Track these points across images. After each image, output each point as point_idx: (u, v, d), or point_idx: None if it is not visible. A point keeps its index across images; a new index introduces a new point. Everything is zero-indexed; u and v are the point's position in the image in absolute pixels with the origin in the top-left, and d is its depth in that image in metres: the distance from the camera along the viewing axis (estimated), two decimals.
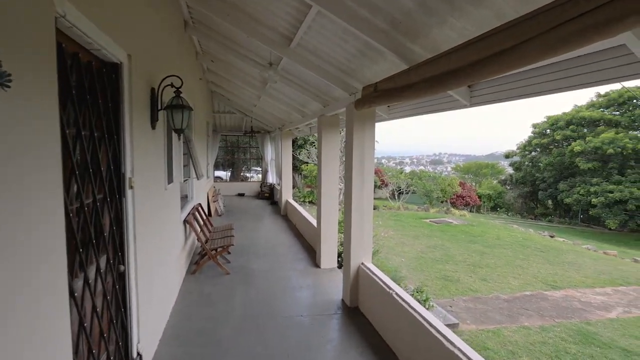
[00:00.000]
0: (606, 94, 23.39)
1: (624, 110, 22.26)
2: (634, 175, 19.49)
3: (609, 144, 19.99)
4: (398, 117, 4.77)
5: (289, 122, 8.19)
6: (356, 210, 4.27)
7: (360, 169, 4.27)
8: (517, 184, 27.08)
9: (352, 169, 4.26)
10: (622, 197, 18.78)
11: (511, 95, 3.03)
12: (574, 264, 9.25)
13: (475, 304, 6.19)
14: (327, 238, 5.57)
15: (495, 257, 9.25)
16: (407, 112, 4.52)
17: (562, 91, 2.62)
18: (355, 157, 4.26)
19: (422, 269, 7.87)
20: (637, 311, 6.51)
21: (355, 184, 4.25)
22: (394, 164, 58.31)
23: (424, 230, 11.82)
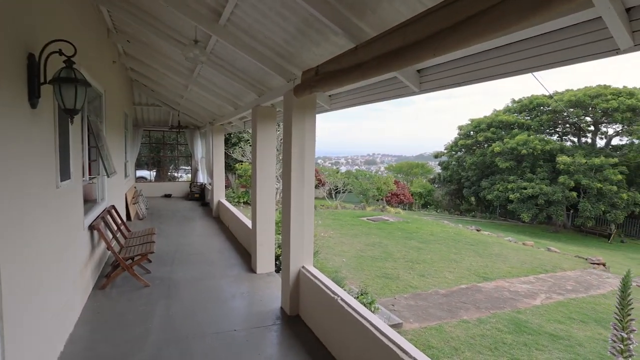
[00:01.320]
0: (519, 100, 25.87)
1: (534, 116, 24.77)
2: (542, 173, 21.69)
3: (523, 145, 22.04)
4: (341, 107, 4.46)
5: (220, 115, 7.53)
6: (296, 209, 3.86)
7: (300, 163, 3.87)
8: (444, 183, 28.83)
9: (291, 164, 3.84)
10: (534, 193, 20.79)
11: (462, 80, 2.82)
12: (500, 255, 9.80)
13: (416, 301, 6.14)
14: (263, 240, 5.09)
15: (431, 252, 9.46)
16: (351, 101, 4.21)
17: (512, 75, 2.45)
18: (295, 151, 3.84)
19: (362, 268, 7.71)
20: (556, 296, 6.97)
21: (295, 179, 3.83)
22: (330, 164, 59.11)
23: (362, 229, 11.81)
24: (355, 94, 4.10)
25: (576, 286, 7.72)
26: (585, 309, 6.48)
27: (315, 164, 32.67)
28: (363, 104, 4.05)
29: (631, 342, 2.24)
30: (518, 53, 2.29)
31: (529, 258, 9.84)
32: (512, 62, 2.36)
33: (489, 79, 2.68)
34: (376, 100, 3.79)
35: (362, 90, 3.97)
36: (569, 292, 7.31)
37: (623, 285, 2.22)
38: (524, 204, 21.22)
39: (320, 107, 4.71)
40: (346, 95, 4.28)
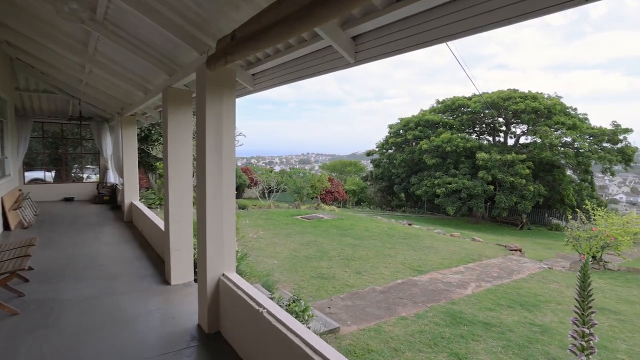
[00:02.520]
0: (443, 101, 27.49)
1: (456, 115, 26.51)
2: (464, 169, 23.24)
3: (447, 143, 23.40)
4: (267, 86, 3.89)
5: (129, 104, 6.51)
6: (213, 207, 3.22)
7: (216, 154, 3.24)
8: (376, 180, 29.64)
9: (206, 155, 3.20)
10: (458, 188, 22.17)
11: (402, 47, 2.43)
12: (431, 247, 9.98)
13: (354, 301, 5.80)
14: (179, 245, 4.34)
15: (366, 248, 9.30)
16: (279, 79, 3.66)
17: (457, 37, 2.12)
18: (210, 139, 3.20)
19: (296, 269, 7.22)
20: (485, 284, 7.14)
21: (211, 173, 3.19)
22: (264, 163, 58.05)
23: (296, 228, 11.34)
24: (283, 69, 3.58)
25: (500, 273, 8.05)
26: (511, 294, 6.69)
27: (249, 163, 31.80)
28: (293, 80, 3.54)
29: (593, 338, 2.04)
30: (466, 10, 1.94)
31: (457, 248, 10.17)
32: (456, 21, 2.01)
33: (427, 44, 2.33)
34: (308, 75, 3.30)
35: (290, 65, 3.46)
36: (495, 279, 7.56)
37: (582, 275, 2.02)
38: (449, 198, 22.52)
39: (242, 89, 4.10)
40: (272, 72, 3.73)
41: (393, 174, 27.67)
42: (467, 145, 23.39)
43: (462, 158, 23.79)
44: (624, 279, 8.57)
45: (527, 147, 23.93)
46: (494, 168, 21.49)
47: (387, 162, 28.89)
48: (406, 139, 26.90)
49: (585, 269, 1.83)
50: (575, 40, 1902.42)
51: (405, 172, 26.82)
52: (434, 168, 24.21)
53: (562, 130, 21.66)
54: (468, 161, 23.47)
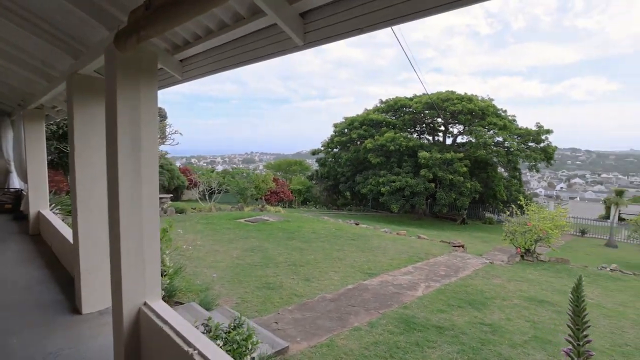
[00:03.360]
0: (386, 101, 28.10)
1: (399, 115, 27.22)
2: (407, 167, 23.90)
3: (391, 142, 23.89)
4: (199, 74, 3.28)
5: (30, 94, 5.44)
6: (129, 219, 2.58)
7: (133, 154, 2.59)
8: (322, 179, 29.54)
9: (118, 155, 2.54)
10: (401, 186, 22.72)
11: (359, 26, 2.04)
12: (379, 247, 9.88)
13: (303, 313, 5.36)
14: (93, 263, 3.58)
15: (314, 251, 8.92)
16: (213, 65, 3.08)
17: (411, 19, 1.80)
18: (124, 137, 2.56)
19: (239, 280, 6.61)
20: (434, 284, 7.10)
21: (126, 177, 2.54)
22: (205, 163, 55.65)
23: (239, 232, 10.64)
24: (217, 54, 3.01)
25: (447, 271, 8.10)
26: (459, 292, 6.70)
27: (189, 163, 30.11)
28: (230, 67, 2.98)
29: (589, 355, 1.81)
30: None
31: (405, 247, 10.18)
32: None
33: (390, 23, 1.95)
34: (248, 60, 2.77)
35: (226, 49, 2.90)
36: (443, 277, 7.57)
37: (576, 298, 1.77)
38: (393, 196, 23.00)
39: (167, 77, 3.45)
40: (205, 57, 3.14)
41: (339, 172, 27.74)
42: (410, 144, 24.10)
43: (405, 157, 24.47)
44: (554, 269, 9.09)
45: (464, 146, 25.27)
46: (435, 166, 22.34)
47: (332, 161, 28.92)
48: (351, 138, 27.10)
49: (578, 290, 1.57)
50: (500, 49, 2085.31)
51: (351, 170, 27.01)
52: (378, 167, 24.61)
53: (495, 130, 23.13)
54: (411, 160, 24.18)
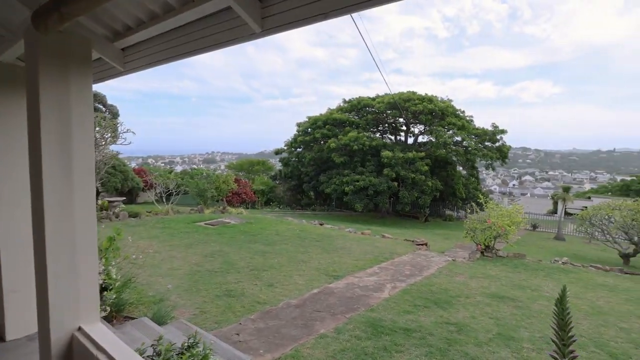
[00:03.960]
0: (350, 101, 28.20)
1: (362, 115, 27.40)
2: (370, 166, 24.10)
3: (354, 141, 23.97)
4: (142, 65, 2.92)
5: None
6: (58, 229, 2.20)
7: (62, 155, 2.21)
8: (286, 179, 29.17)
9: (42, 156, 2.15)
10: (365, 185, 22.86)
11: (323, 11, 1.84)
12: (344, 248, 9.76)
13: (267, 322, 5.08)
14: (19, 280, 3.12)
15: (278, 254, 8.63)
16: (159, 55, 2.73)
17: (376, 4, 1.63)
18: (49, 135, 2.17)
19: (198, 288, 6.21)
20: (400, 284, 7.05)
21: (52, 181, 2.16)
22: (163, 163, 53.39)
23: (198, 236, 10.13)
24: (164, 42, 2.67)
25: (412, 270, 8.11)
26: (425, 292, 6.68)
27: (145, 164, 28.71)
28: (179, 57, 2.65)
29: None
30: None
31: (370, 247, 10.14)
32: None
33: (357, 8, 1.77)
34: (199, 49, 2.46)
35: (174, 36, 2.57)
36: (408, 277, 7.55)
37: (560, 311, 1.64)
38: (357, 195, 23.09)
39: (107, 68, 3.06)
40: (150, 45, 2.79)
41: (302, 172, 27.52)
42: (373, 143, 24.32)
43: (368, 156, 24.66)
44: (513, 264, 9.40)
45: (425, 146, 25.88)
46: (397, 165, 22.68)
47: (296, 161, 28.63)
48: (315, 138, 26.94)
49: (563, 302, 1.44)
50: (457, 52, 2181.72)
51: (314, 170, 26.86)
52: (342, 166, 24.63)
53: (454, 130, 23.87)
54: (374, 159, 24.41)
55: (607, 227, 14.52)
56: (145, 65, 2.89)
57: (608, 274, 9.27)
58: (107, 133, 14.12)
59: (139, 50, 2.86)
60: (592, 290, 7.45)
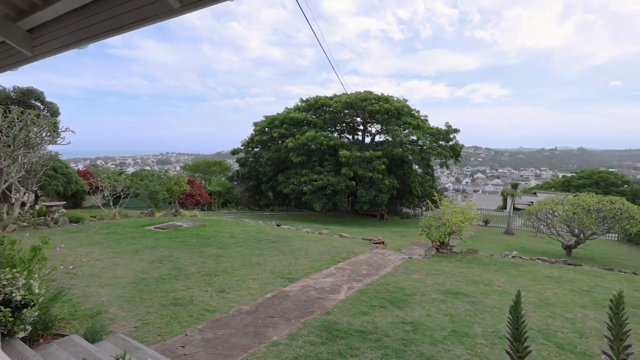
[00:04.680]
0: (307, 100, 28.00)
1: (319, 114, 27.32)
2: (328, 166, 24.08)
3: (312, 141, 23.84)
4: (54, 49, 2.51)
5: None
6: None
7: None
8: (243, 179, 28.46)
9: None
10: (323, 184, 22.80)
11: None
12: (301, 249, 9.54)
13: (215, 331, 4.73)
14: None
15: (232, 258, 8.25)
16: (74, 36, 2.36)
17: None
18: None
19: (142, 298, 5.71)
20: (356, 284, 6.95)
21: None
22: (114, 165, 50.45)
23: (146, 241, 9.47)
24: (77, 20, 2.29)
25: (369, 269, 8.05)
26: (381, 291, 6.62)
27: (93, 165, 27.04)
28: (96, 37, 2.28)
29: None
30: None
31: (327, 247, 9.99)
32: None
33: None
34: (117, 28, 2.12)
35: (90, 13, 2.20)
36: (365, 277, 7.47)
37: (515, 309, 1.47)
38: (315, 194, 22.97)
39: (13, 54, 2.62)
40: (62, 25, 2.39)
41: (260, 172, 26.99)
42: (331, 143, 24.33)
43: (326, 155, 24.64)
44: (466, 260, 9.65)
45: (382, 145, 26.30)
46: (355, 164, 22.83)
47: (253, 161, 28.04)
48: (272, 137, 26.52)
49: (517, 309, 1.30)
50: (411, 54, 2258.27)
51: (272, 170, 26.44)
52: (300, 166, 24.42)
53: (409, 129, 24.44)
54: (332, 158, 24.43)
55: (551, 221, 15.44)
56: (59, 49, 2.49)
57: (553, 265, 9.77)
58: (44, 132, 12.90)
59: (49, 31, 2.45)
60: (539, 283, 7.77)
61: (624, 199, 14.62)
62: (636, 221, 13.58)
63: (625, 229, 14.67)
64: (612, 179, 42.56)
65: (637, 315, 6.06)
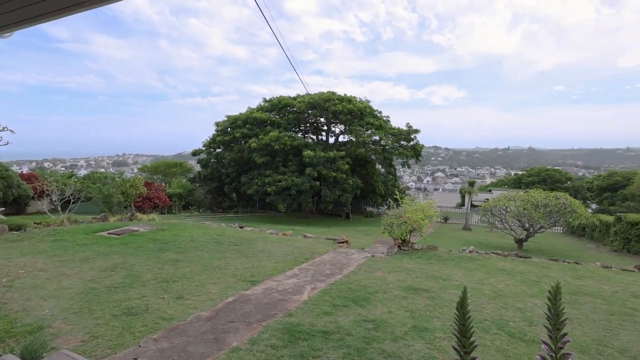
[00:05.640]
0: (270, 100, 27.73)
1: (283, 115, 27.14)
2: (292, 166, 23.98)
3: (275, 141, 23.63)
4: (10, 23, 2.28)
5: None
6: None
7: None
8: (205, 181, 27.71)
9: None
10: (287, 185, 22.66)
11: None
12: (264, 251, 9.40)
13: (172, 340, 4.52)
14: None
15: (191, 262, 7.97)
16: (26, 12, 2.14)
17: None
18: None
19: (91, 309, 5.36)
20: (319, 285, 6.93)
21: None
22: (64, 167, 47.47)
23: (98, 248, 8.95)
24: None
25: (333, 269, 8.06)
26: (344, 290, 6.64)
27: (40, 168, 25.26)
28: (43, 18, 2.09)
29: None
30: None
31: (290, 248, 9.92)
32: None
33: None
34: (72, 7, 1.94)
35: None
36: (328, 277, 7.47)
37: (461, 305, 1.49)
38: (279, 195, 22.80)
39: None
40: None
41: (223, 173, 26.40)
42: (294, 143, 24.24)
43: (290, 156, 24.52)
44: (427, 256, 9.92)
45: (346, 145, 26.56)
46: (319, 165, 22.90)
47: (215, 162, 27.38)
48: (235, 137, 26.03)
49: (464, 306, 1.32)
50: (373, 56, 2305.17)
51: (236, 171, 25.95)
52: (264, 166, 24.15)
53: (372, 130, 24.85)
54: (296, 159, 24.35)
55: (504, 216, 16.26)
56: (15, 23, 2.24)
57: (506, 258, 10.27)
58: None
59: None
60: (494, 275, 8.12)
61: (567, 195, 15.72)
62: (577, 215, 14.64)
63: (568, 222, 15.75)
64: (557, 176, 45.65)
65: (579, 302, 6.49)
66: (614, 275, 8.78)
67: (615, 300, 6.65)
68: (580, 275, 8.53)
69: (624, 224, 16.28)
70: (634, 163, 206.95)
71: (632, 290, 7.41)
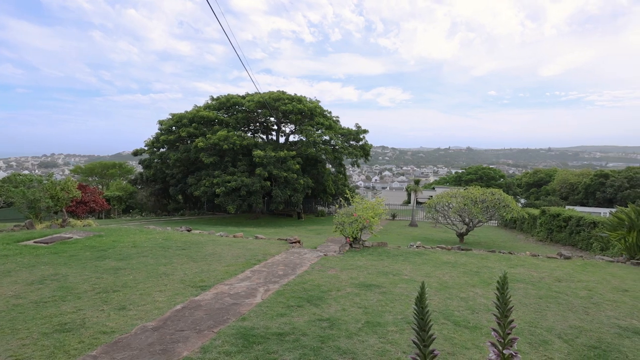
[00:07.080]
0: (218, 98, 26.90)
1: (231, 113, 26.46)
2: (242, 166, 23.47)
3: (224, 140, 22.97)
4: None
5: None
6: None
7: None
8: (148, 182, 26.22)
9: None
10: (237, 185, 22.13)
11: None
12: (214, 254, 9.09)
13: (114, 355, 4.19)
14: None
15: (134, 270, 7.47)
16: None
17: None
18: None
19: (14, 328, 4.81)
20: (273, 286, 6.83)
21: None
22: None
23: (23, 259, 8.07)
24: None
25: (286, 269, 7.99)
26: (298, 291, 6.60)
27: None
28: None
29: None
30: None
31: (242, 251, 9.68)
32: None
33: None
34: None
35: None
36: (281, 277, 7.39)
37: (419, 301, 1.53)
38: (229, 196, 22.20)
39: None
40: None
41: (167, 174, 25.15)
42: (244, 143, 23.75)
43: (239, 156, 23.99)
44: (377, 253, 10.19)
45: (296, 145, 26.52)
46: (270, 165, 22.64)
47: (159, 162, 26.01)
48: (180, 137, 24.90)
49: (422, 301, 1.35)
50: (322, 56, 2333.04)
51: (182, 172, 24.86)
52: (212, 167, 23.37)
53: (322, 129, 25.07)
54: (245, 159, 23.87)
55: (447, 212, 17.20)
56: None
57: (450, 252, 10.86)
58: None
59: None
60: (439, 268, 8.54)
61: (500, 191, 17.06)
62: (510, 209, 15.95)
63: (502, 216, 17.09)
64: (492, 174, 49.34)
65: (513, 288, 7.03)
66: (541, 263, 9.62)
67: (542, 285, 7.30)
68: (514, 264, 9.25)
69: (548, 217, 18.00)
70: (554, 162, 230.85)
71: (556, 275, 8.18)
